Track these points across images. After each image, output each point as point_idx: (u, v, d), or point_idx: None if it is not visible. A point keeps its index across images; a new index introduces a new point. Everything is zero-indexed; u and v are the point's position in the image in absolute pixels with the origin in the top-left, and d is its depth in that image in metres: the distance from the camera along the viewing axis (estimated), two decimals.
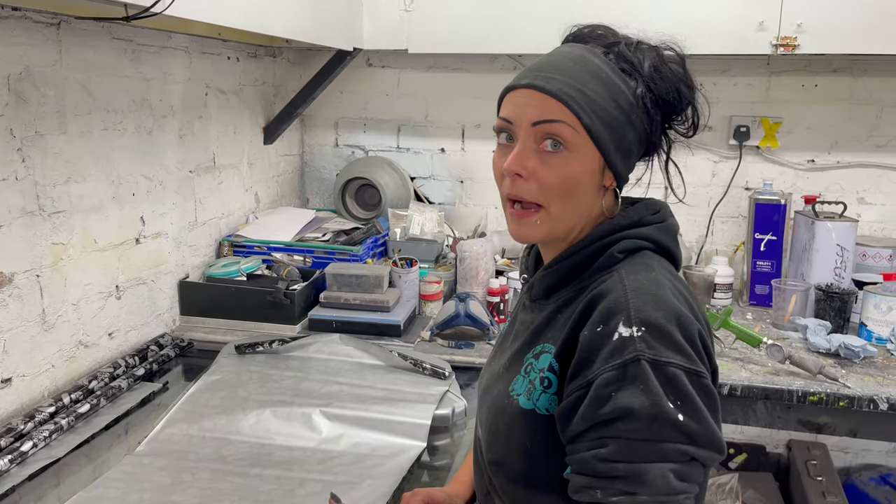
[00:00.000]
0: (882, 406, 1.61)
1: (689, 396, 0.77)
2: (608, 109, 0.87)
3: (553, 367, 0.87)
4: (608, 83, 0.88)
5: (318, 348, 1.77)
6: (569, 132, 0.86)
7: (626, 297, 0.82)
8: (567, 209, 0.89)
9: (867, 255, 2.15)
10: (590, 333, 0.82)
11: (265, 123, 2.48)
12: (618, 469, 0.76)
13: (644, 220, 0.92)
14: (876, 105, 2.31)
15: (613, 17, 2.04)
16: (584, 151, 0.87)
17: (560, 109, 0.85)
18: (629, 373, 0.77)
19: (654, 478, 0.75)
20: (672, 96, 0.90)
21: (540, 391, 0.87)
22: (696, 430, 0.76)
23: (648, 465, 0.75)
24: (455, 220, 2.65)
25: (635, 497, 0.75)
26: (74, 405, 1.50)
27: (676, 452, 0.76)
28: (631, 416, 0.75)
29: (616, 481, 0.76)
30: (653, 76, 0.90)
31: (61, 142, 1.55)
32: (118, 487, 1.26)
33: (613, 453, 0.76)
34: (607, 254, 0.89)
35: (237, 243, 2.21)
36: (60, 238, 1.56)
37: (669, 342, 0.78)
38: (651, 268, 0.87)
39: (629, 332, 0.79)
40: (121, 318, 1.77)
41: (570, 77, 0.87)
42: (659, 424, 0.75)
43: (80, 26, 1.57)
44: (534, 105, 0.87)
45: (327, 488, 1.27)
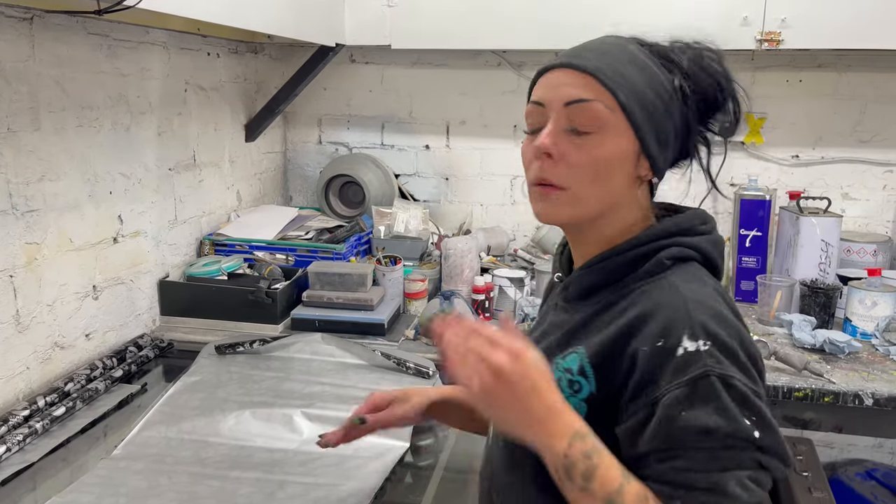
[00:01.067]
0: (867, 401, 1.61)
1: (761, 413, 0.75)
2: (646, 92, 0.84)
3: (585, 371, 0.82)
4: (645, 69, 0.85)
5: (300, 348, 1.75)
6: (603, 111, 0.82)
7: (687, 310, 0.78)
8: (595, 193, 0.84)
9: (852, 250, 2.15)
10: (650, 349, 0.77)
11: (247, 120, 2.45)
12: (697, 480, 0.73)
13: (695, 230, 0.88)
14: (860, 100, 2.31)
15: (597, 12, 2.05)
16: (618, 132, 0.83)
17: (595, 87, 0.82)
18: (700, 390, 0.74)
19: (734, 487, 0.72)
20: (712, 89, 0.87)
21: (567, 395, 0.82)
22: (770, 445, 0.74)
23: (728, 475, 0.73)
24: (440, 218, 2.63)
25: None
26: (49, 408, 1.46)
27: (751, 460, 0.74)
28: (708, 433, 0.73)
29: (696, 493, 0.73)
30: (692, 69, 0.86)
31: (35, 139, 1.51)
32: (93, 492, 1.23)
33: (690, 463, 0.73)
34: (655, 259, 0.84)
35: (218, 242, 2.18)
36: (34, 237, 1.52)
37: (734, 359, 0.76)
38: (704, 282, 0.84)
39: (695, 347, 0.75)
40: (98, 319, 1.74)
41: (605, 57, 0.84)
42: (735, 439, 0.73)
43: (53, 21, 1.54)
44: (567, 84, 0.84)
45: (308, 490, 1.25)
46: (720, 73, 0.87)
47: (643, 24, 1.85)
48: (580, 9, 2.04)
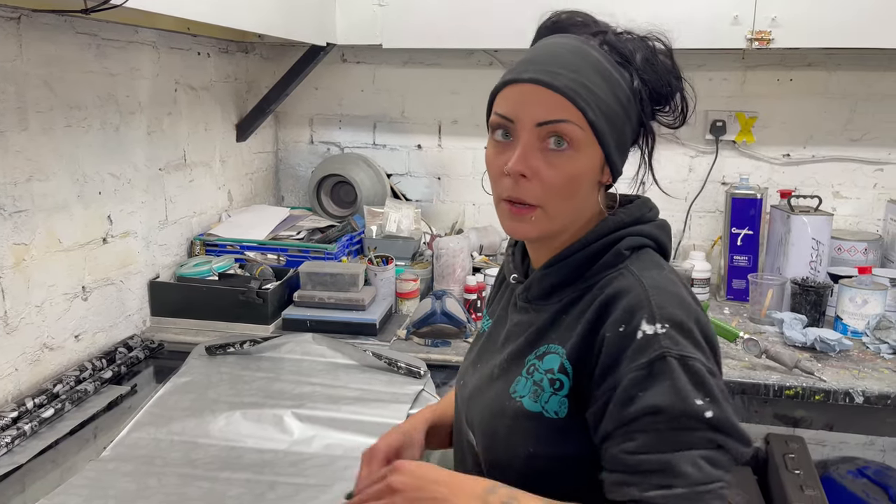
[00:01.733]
0: (857, 399, 1.61)
1: (713, 391, 0.77)
2: (610, 105, 0.85)
3: (565, 369, 0.84)
4: (608, 77, 0.85)
5: (291, 348, 1.75)
6: (575, 131, 0.83)
7: (646, 295, 0.81)
8: (566, 208, 0.87)
9: (842, 248, 2.16)
10: (612, 334, 0.80)
11: (238, 120, 2.44)
12: (649, 462, 0.75)
13: (644, 218, 0.91)
14: (850, 99, 2.32)
15: (586, 9, 2.04)
16: (588, 150, 0.84)
17: (567, 107, 0.82)
18: (655, 370, 0.76)
19: (686, 467, 0.74)
20: (665, 89, 0.89)
21: (550, 393, 0.85)
22: (723, 421, 0.76)
23: (678, 455, 0.74)
24: (432, 217, 2.62)
25: (672, 490, 0.73)
26: (38, 410, 1.45)
27: (703, 440, 0.75)
28: (658, 412, 0.75)
29: (650, 475, 0.75)
30: (646, 68, 0.88)
31: (22, 139, 1.50)
32: (81, 494, 1.22)
33: (641, 446, 0.75)
34: (613, 251, 0.87)
35: (209, 242, 2.17)
36: (22, 238, 1.51)
37: (691, 339, 0.79)
38: (661, 267, 0.87)
39: (653, 330, 0.78)
40: (87, 320, 1.72)
41: (573, 72, 0.83)
42: (686, 419, 0.75)
43: (41, 20, 1.53)
44: (539, 103, 0.83)
45: (298, 491, 1.24)
46: (671, 72, 0.89)
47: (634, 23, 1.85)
48: (570, 7, 2.04)
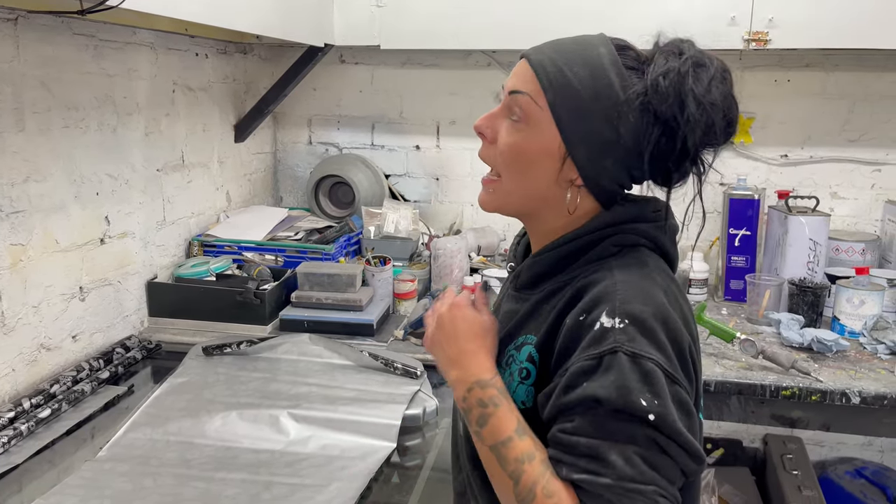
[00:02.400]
0: (854, 400, 1.61)
1: (663, 395, 0.73)
2: (582, 95, 0.82)
3: (533, 358, 0.84)
4: (597, 71, 0.82)
5: (288, 349, 1.75)
6: (531, 105, 0.85)
7: (613, 288, 0.79)
8: (516, 183, 0.88)
9: (840, 249, 2.16)
10: (572, 322, 0.79)
11: (236, 121, 2.44)
12: (580, 444, 0.73)
13: (643, 217, 0.88)
14: (848, 99, 2.32)
15: (586, 12, 2.05)
16: (543, 129, 0.85)
17: (532, 81, 0.85)
18: (604, 363, 0.74)
19: (617, 459, 0.71)
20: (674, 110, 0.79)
21: (517, 383, 0.85)
22: (667, 426, 0.72)
23: (610, 444, 0.72)
24: (430, 218, 2.63)
25: (599, 478, 0.71)
26: (35, 410, 1.46)
27: (644, 438, 0.72)
28: (598, 403, 0.73)
29: (580, 458, 0.73)
30: (656, 83, 0.80)
31: (19, 140, 1.50)
32: (77, 494, 1.22)
33: (576, 428, 0.74)
34: (601, 246, 0.86)
35: (207, 243, 2.18)
36: (19, 239, 1.52)
37: (651, 338, 0.75)
38: (646, 264, 0.84)
39: (611, 323, 0.76)
40: (85, 321, 1.73)
41: (559, 55, 0.85)
42: (625, 414, 0.72)
43: (38, 21, 1.53)
44: (517, 74, 0.88)
45: (294, 491, 1.24)
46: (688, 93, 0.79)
47: (631, 23, 1.86)
48: (570, 9, 2.04)
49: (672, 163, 0.84)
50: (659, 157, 0.84)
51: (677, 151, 0.83)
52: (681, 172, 0.86)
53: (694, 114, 0.79)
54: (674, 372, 0.75)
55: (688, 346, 0.79)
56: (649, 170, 0.85)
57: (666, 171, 0.86)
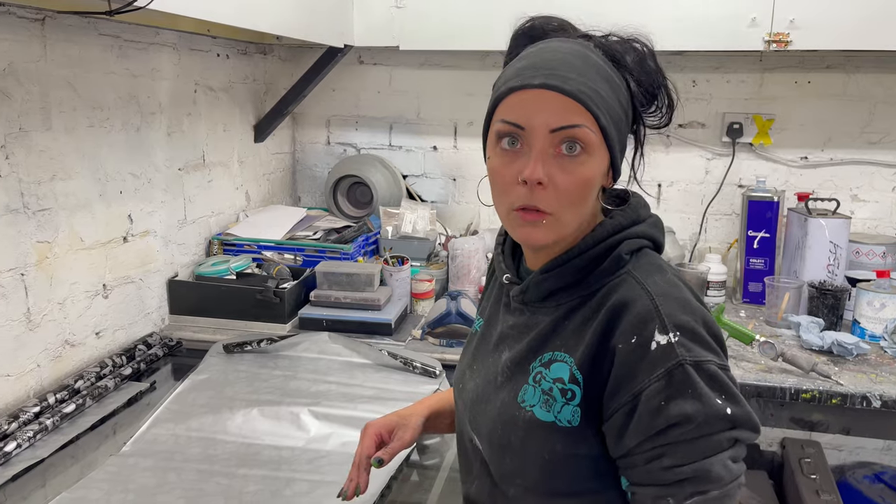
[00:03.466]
0: (875, 403, 1.60)
1: (729, 388, 0.80)
2: (615, 109, 0.84)
3: (576, 378, 0.84)
4: (611, 81, 0.85)
5: (307, 347, 1.76)
6: (590, 136, 0.82)
7: (654, 304, 0.82)
8: (577, 214, 0.86)
9: (860, 252, 2.14)
10: (625, 346, 0.81)
11: (256, 121, 2.46)
12: (684, 472, 0.78)
13: (640, 218, 0.91)
14: (869, 101, 2.30)
15: (603, 13, 2.04)
16: (599, 154, 0.84)
17: (580, 112, 0.81)
18: (675, 379, 0.78)
19: (719, 470, 0.77)
20: (655, 89, 0.90)
21: (562, 403, 0.85)
22: (740, 416, 0.79)
23: (711, 460, 0.78)
24: (447, 219, 2.63)
25: (707, 495, 0.78)
26: (60, 405, 1.48)
27: (727, 440, 0.79)
28: (686, 421, 0.77)
29: (684, 484, 0.78)
30: (638, 70, 0.88)
31: (46, 139, 1.53)
32: (102, 488, 1.24)
33: (676, 459, 0.78)
34: (613, 256, 0.86)
35: (227, 242, 2.20)
36: (45, 236, 1.54)
37: (703, 342, 0.81)
38: (662, 269, 0.87)
39: (666, 339, 0.79)
40: (108, 317, 1.75)
41: (581, 76, 0.82)
42: (712, 422, 0.78)
43: (65, 22, 1.55)
44: (551, 109, 0.81)
45: (314, 488, 1.26)
46: (657, 71, 0.90)
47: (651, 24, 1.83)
48: (588, 10, 2.03)
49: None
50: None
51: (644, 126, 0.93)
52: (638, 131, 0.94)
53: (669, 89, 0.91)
54: (724, 362, 0.82)
55: (717, 328, 0.85)
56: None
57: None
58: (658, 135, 0.97)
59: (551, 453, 0.85)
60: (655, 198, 2.49)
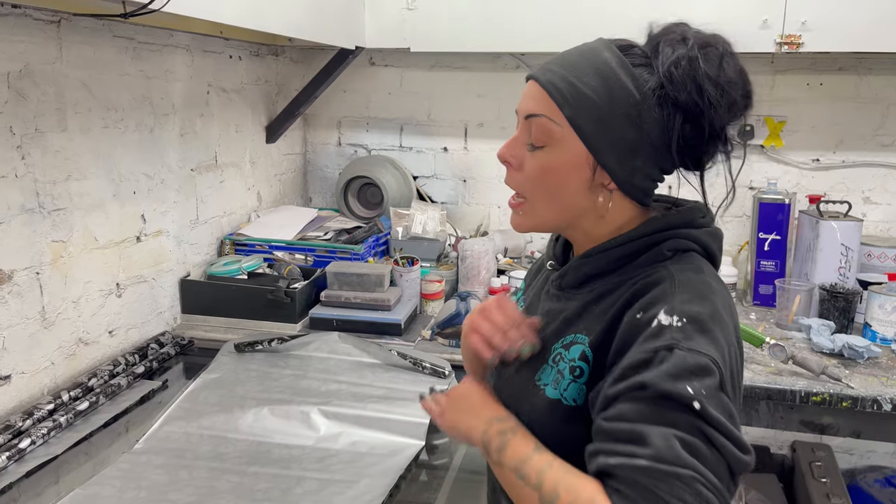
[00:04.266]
0: (886, 407, 1.60)
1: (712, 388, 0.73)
2: (598, 104, 0.83)
3: (586, 356, 0.84)
4: (608, 77, 0.83)
5: (318, 347, 1.77)
6: (551, 126, 0.85)
7: (672, 289, 0.80)
8: (549, 203, 0.88)
9: (872, 254, 2.13)
10: (629, 319, 0.80)
11: (267, 122, 2.48)
12: (621, 430, 0.72)
13: (695, 223, 0.89)
14: (882, 103, 2.29)
15: (615, 14, 2.05)
16: (566, 146, 0.84)
17: (546, 102, 0.85)
18: (658, 357, 0.74)
19: (656, 440, 0.69)
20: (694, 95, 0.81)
21: (569, 381, 0.84)
22: (712, 417, 0.71)
23: (652, 427, 0.71)
24: (457, 220, 2.64)
25: (633, 459, 0.70)
26: (73, 402, 1.50)
27: (687, 424, 0.70)
28: (644, 387, 0.73)
29: (618, 444, 0.72)
30: (671, 74, 0.82)
31: (61, 139, 1.55)
32: (115, 485, 1.26)
33: (619, 414, 0.74)
34: (655, 250, 0.86)
35: (239, 242, 2.21)
36: (60, 235, 1.56)
37: (710, 338, 0.76)
38: (701, 270, 0.85)
39: (669, 321, 0.77)
40: (121, 316, 1.77)
41: (567, 70, 0.85)
42: (671, 399, 0.71)
43: (80, 24, 1.57)
44: (529, 97, 0.88)
45: (324, 487, 1.27)
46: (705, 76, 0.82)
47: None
48: (598, 11, 2.05)
49: (700, 147, 0.86)
50: (686, 144, 0.85)
51: (705, 135, 0.84)
52: (710, 154, 0.88)
53: (714, 96, 0.81)
54: (725, 372, 0.75)
55: (736, 352, 0.80)
56: (678, 159, 0.87)
57: (695, 157, 0.88)
58: None
59: (554, 430, 0.84)
60: None
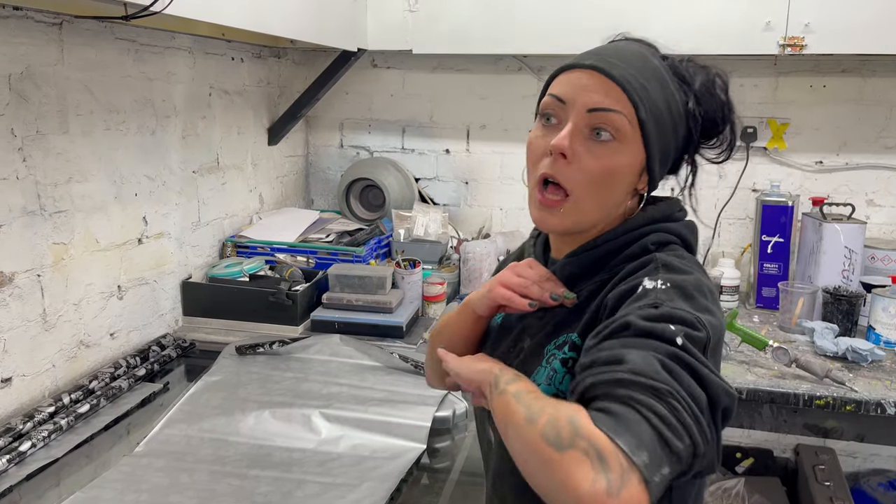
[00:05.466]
0: (890, 410, 1.59)
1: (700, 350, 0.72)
2: (662, 111, 0.85)
3: (576, 345, 0.84)
4: (665, 86, 0.87)
5: (319, 349, 1.77)
6: (624, 124, 0.83)
7: (656, 266, 0.82)
8: (597, 203, 0.85)
9: (876, 257, 2.12)
10: (616, 291, 0.81)
11: (269, 124, 2.48)
12: (602, 356, 0.71)
13: (674, 216, 0.91)
14: (885, 106, 2.28)
15: (618, 16, 2.05)
16: (632, 147, 0.84)
17: (621, 98, 0.83)
18: (643, 311, 0.74)
19: (634, 358, 0.69)
20: (718, 116, 0.90)
21: (563, 373, 0.84)
22: (696, 354, 0.71)
23: (632, 350, 0.70)
24: (459, 222, 2.64)
25: (613, 374, 0.68)
26: (74, 405, 1.49)
27: (668, 352, 0.70)
28: (627, 326, 0.73)
29: (598, 366, 0.71)
30: (703, 93, 0.89)
31: (63, 141, 1.55)
32: (115, 488, 1.25)
33: (601, 348, 0.73)
34: (639, 244, 0.87)
35: (240, 244, 2.21)
36: (62, 238, 1.56)
37: (694, 304, 0.76)
38: (684, 258, 0.87)
39: (653, 285, 0.78)
40: (122, 319, 1.77)
41: (633, 68, 0.84)
42: (653, 336, 0.71)
43: (82, 26, 1.57)
44: (594, 89, 0.83)
45: (325, 490, 1.26)
46: (725, 103, 0.91)
47: (666, 28, 1.83)
48: (601, 13, 2.04)
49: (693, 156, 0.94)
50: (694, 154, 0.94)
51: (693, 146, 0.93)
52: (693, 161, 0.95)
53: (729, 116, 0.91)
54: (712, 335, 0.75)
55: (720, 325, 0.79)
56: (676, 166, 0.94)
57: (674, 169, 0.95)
58: None
59: None
60: None
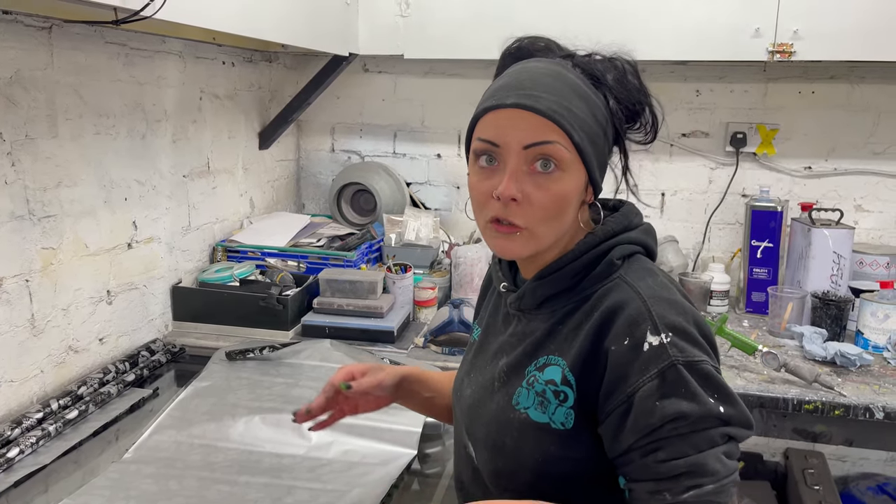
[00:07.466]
0: (878, 415, 1.60)
1: (721, 387, 0.81)
2: (591, 126, 0.87)
3: (568, 381, 0.86)
4: (586, 98, 0.87)
5: (310, 355, 1.76)
6: (562, 152, 0.84)
7: (646, 306, 0.83)
8: (552, 229, 0.88)
9: (864, 262, 2.14)
10: (618, 348, 0.83)
11: (261, 128, 2.47)
12: (678, 466, 0.78)
13: (632, 225, 0.94)
14: (873, 112, 2.30)
15: (608, 23, 2.05)
16: (573, 169, 0.86)
17: (552, 129, 0.84)
18: (668, 379, 0.79)
19: (713, 464, 0.78)
20: (636, 106, 0.91)
21: (555, 405, 0.86)
22: (733, 415, 0.80)
23: (706, 454, 0.78)
24: (451, 226, 2.64)
25: (703, 489, 0.77)
26: (63, 411, 1.48)
27: (720, 435, 0.79)
28: (680, 418, 0.78)
29: (680, 478, 0.78)
30: (618, 88, 0.90)
31: (52, 146, 1.54)
32: (104, 495, 1.24)
33: (671, 453, 0.78)
34: (605, 261, 0.89)
35: (231, 248, 2.20)
36: (50, 242, 1.55)
37: (694, 342, 0.82)
38: (653, 272, 0.89)
39: (658, 340, 0.81)
40: (112, 324, 1.76)
41: (555, 94, 0.85)
42: (705, 419, 0.79)
43: (72, 30, 1.57)
44: (524, 127, 0.84)
45: (316, 496, 1.26)
46: (640, 89, 0.92)
47: (655, 34, 1.84)
48: (591, 20, 2.05)
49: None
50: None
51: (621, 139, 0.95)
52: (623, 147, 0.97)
53: (648, 101, 0.93)
54: (716, 363, 0.84)
55: (706, 328, 0.86)
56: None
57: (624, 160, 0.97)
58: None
59: (544, 455, 0.86)
60: (658, 207, 2.49)
